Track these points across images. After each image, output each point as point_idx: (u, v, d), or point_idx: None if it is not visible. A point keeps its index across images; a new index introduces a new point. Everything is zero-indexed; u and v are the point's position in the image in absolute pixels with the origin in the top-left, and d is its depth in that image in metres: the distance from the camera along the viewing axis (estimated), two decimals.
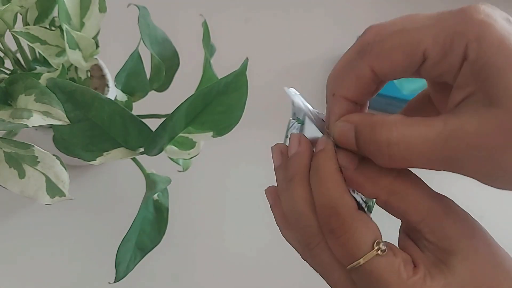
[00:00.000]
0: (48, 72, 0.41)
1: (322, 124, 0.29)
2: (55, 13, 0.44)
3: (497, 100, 0.22)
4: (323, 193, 0.26)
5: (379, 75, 0.26)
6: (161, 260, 0.51)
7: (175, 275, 0.53)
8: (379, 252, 0.25)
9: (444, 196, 0.27)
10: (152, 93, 0.48)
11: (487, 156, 0.23)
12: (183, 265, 0.53)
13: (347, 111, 0.27)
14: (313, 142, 0.28)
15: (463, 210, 0.27)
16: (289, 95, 0.31)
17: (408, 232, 0.27)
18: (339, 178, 0.26)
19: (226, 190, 0.58)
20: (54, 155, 0.38)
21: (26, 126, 0.34)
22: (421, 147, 0.23)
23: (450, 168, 0.24)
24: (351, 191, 0.27)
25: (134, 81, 0.46)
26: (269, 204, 0.31)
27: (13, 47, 0.44)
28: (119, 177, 0.57)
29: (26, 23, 0.43)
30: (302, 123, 0.31)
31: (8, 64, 0.45)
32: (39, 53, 0.43)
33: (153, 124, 0.40)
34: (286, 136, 0.31)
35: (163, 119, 0.39)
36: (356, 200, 0.26)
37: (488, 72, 0.23)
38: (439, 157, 0.23)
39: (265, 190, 0.31)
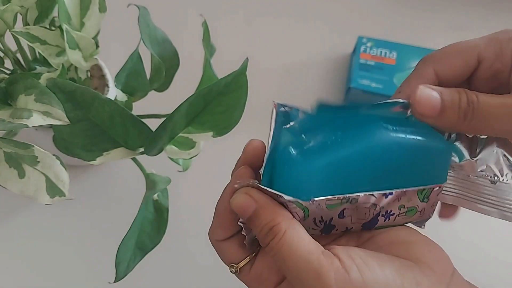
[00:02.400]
0: (48, 72, 0.41)
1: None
2: (55, 13, 0.44)
3: None
4: None
5: (440, 76, 0.30)
6: (161, 260, 0.51)
7: (175, 275, 0.53)
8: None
9: None
10: (152, 93, 0.48)
11: None
12: (183, 265, 0.53)
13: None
14: None
15: None
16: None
17: None
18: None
19: None
20: (54, 155, 0.38)
21: (26, 126, 0.34)
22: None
23: None
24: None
25: (134, 81, 0.46)
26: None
27: (13, 47, 0.44)
28: (119, 177, 0.57)
29: (26, 23, 0.43)
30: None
31: (8, 64, 0.45)
32: (39, 53, 0.43)
33: (153, 124, 0.40)
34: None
35: (163, 119, 0.39)
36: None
37: None
38: None
39: None
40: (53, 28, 0.44)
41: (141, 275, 0.46)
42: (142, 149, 0.42)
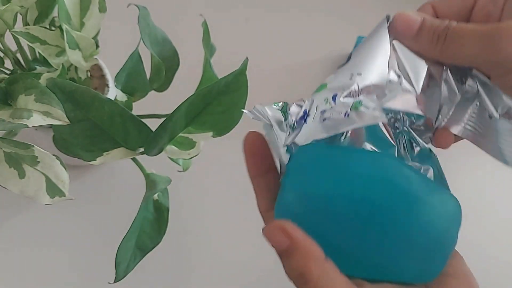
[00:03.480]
0: (48, 72, 0.41)
1: None
2: (55, 13, 0.44)
3: None
4: None
5: (438, 12, 0.31)
6: (161, 260, 0.51)
7: (175, 275, 0.53)
8: None
9: None
10: (152, 93, 0.48)
11: None
12: (183, 265, 0.53)
13: None
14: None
15: None
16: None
17: None
18: None
19: (226, 190, 0.58)
20: (54, 155, 0.38)
21: (26, 126, 0.34)
22: None
23: None
24: None
25: (134, 81, 0.46)
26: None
27: (13, 47, 0.44)
28: (119, 177, 0.57)
29: (26, 23, 0.43)
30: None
31: (8, 64, 0.45)
32: (39, 53, 0.43)
33: (153, 124, 0.40)
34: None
35: (163, 119, 0.39)
36: None
37: None
38: None
39: None
40: (53, 28, 0.44)
41: (141, 275, 0.46)
42: (142, 149, 0.42)
